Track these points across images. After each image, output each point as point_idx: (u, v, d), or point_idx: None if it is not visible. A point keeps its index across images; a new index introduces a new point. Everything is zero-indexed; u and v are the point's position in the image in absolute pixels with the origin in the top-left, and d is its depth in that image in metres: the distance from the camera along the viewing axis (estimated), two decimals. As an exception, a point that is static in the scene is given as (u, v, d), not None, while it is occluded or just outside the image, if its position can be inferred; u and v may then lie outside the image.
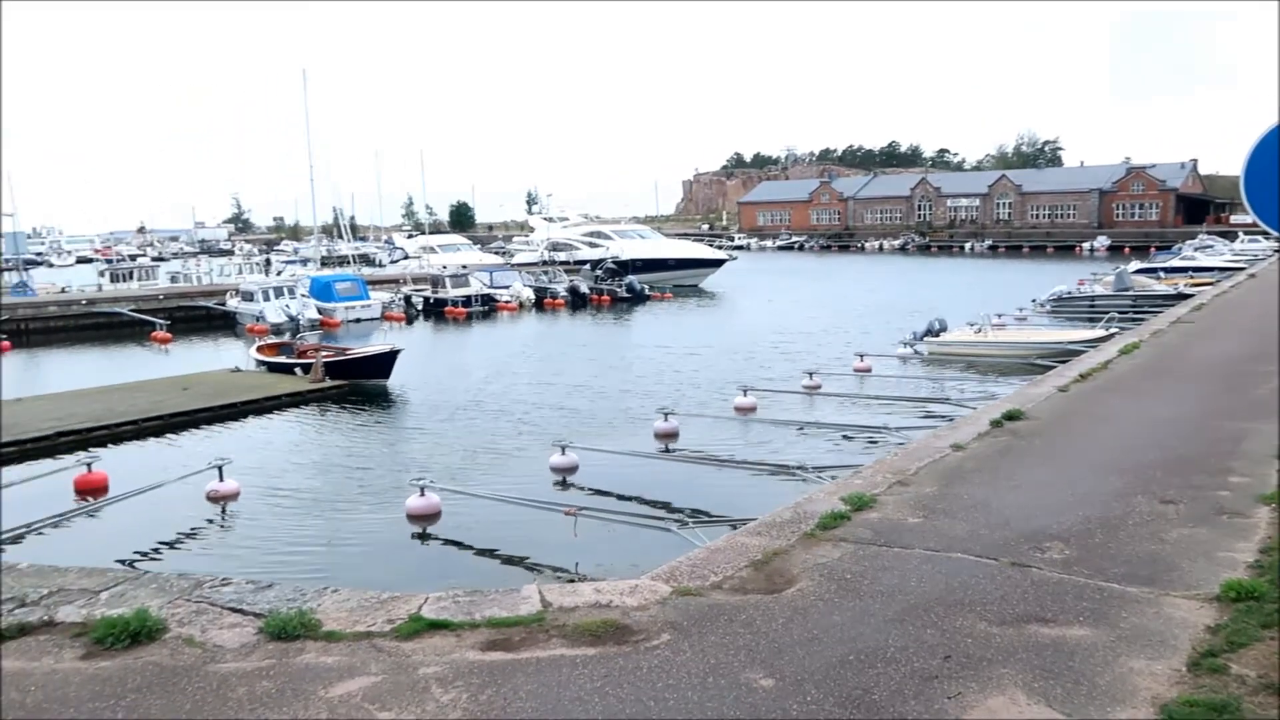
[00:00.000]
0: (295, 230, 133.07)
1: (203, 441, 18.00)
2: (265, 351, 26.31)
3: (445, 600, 6.06)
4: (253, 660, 5.24)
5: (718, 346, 29.90)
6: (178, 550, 11.91)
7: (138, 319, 39.63)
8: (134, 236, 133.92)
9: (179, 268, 61.16)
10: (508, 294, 45.33)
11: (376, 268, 62.18)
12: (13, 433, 17.32)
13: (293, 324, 36.77)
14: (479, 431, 18.42)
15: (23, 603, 6.12)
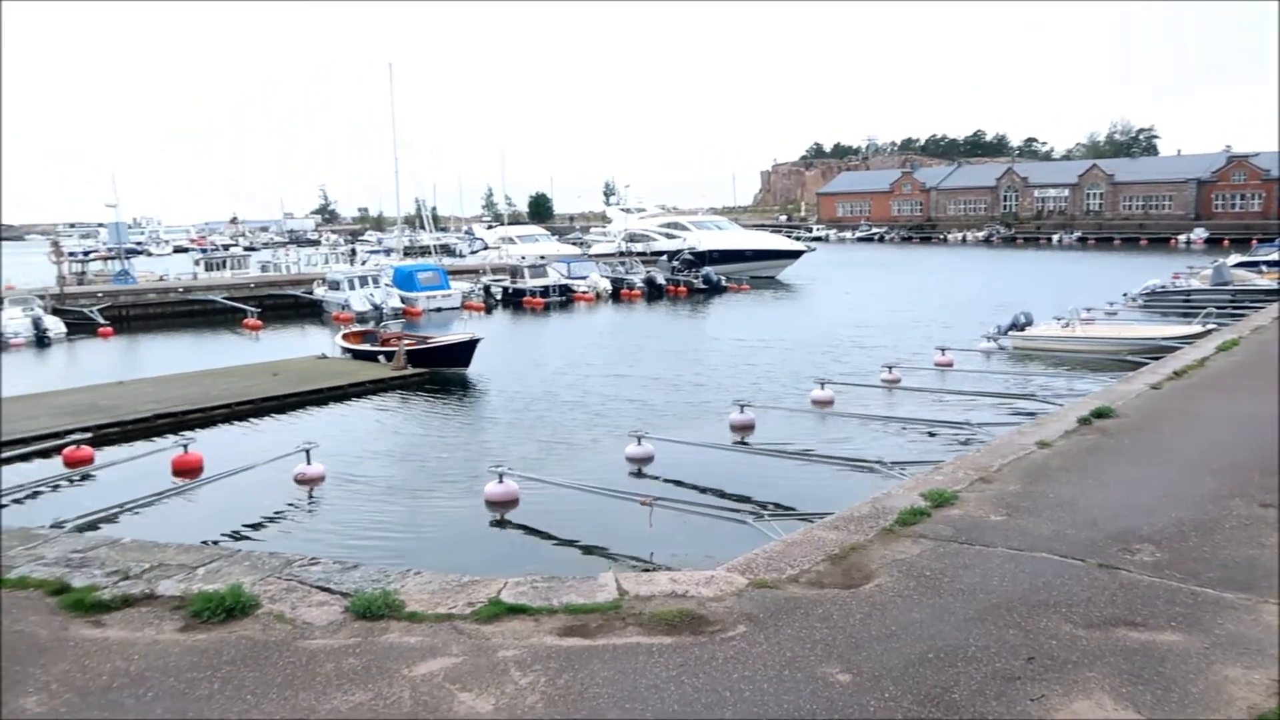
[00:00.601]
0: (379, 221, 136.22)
1: (290, 425, 18.58)
2: (350, 339, 26.99)
3: (524, 585, 6.16)
4: (340, 638, 5.41)
5: (794, 339, 29.64)
6: (267, 530, 12.33)
7: (230, 306, 41.04)
8: (227, 227, 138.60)
9: (269, 257, 63.06)
10: (585, 284, 45.61)
11: (457, 258, 63.26)
12: (114, 414, 18.13)
13: (377, 312, 37.63)
14: (555, 420, 18.61)
15: (126, 575, 6.42)
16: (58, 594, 6.10)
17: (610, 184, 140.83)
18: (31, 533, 7.88)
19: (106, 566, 6.63)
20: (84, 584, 6.23)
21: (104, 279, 48.20)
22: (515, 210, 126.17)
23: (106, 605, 5.91)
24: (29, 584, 6.30)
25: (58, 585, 6.22)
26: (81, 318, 37.72)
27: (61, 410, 18.49)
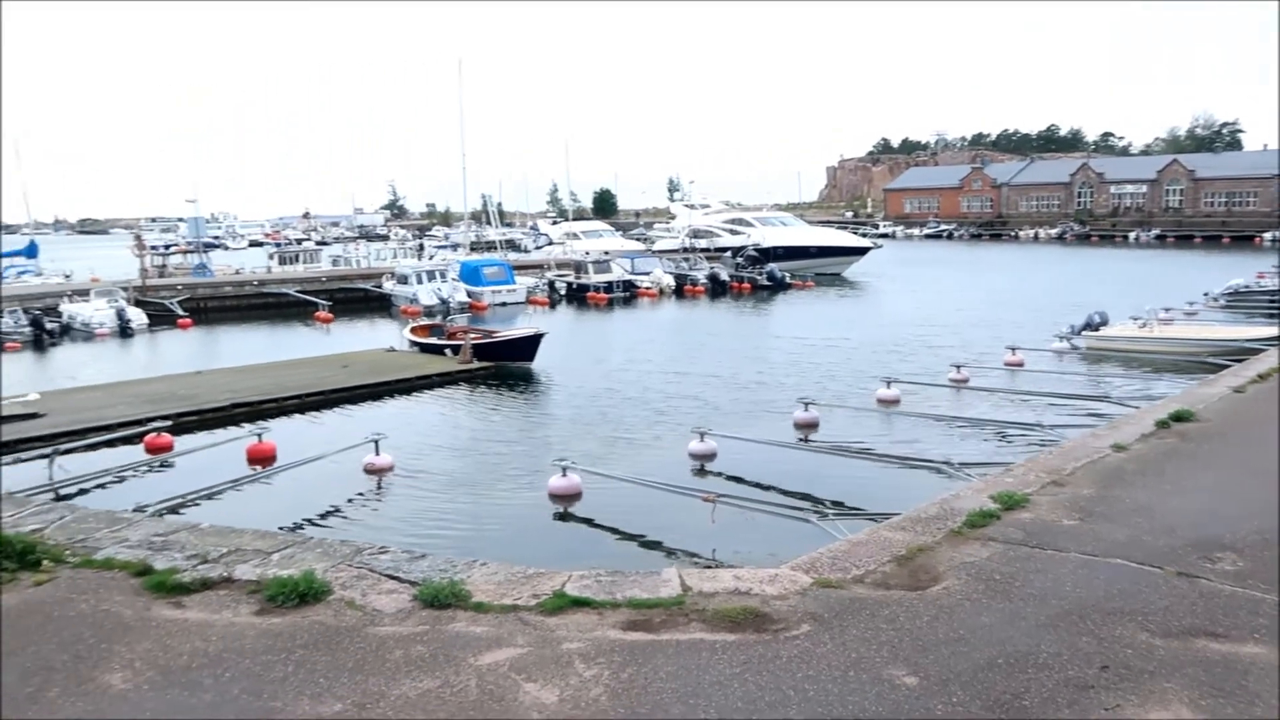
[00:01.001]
0: (446, 216, 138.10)
1: (360, 416, 18.97)
2: (418, 333, 27.43)
3: (588, 579, 6.21)
4: (408, 625, 5.52)
5: (859, 337, 29.31)
6: (337, 518, 12.61)
7: (302, 299, 42.03)
8: (299, 221, 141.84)
9: (340, 251, 64.33)
10: (648, 280, 45.67)
11: (522, 253, 63.77)
12: (193, 403, 18.72)
13: (443, 306, 38.17)
14: (618, 415, 18.69)
15: (205, 559, 6.63)
16: (141, 575, 6.32)
17: (674, 180, 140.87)
18: (116, 516, 8.17)
19: (186, 550, 6.85)
20: (165, 566, 6.44)
21: (183, 272, 49.71)
22: (579, 206, 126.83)
23: (186, 587, 6.11)
24: (114, 565, 6.54)
25: (141, 567, 6.45)
26: (162, 309, 38.99)
27: (143, 399, 19.15)
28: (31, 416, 17.26)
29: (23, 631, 5.47)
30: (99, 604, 5.89)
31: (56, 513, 8.21)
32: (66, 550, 6.89)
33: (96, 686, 4.80)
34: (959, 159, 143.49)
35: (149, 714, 4.49)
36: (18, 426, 16.56)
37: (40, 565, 6.48)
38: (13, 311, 34.59)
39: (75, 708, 4.57)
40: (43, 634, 5.44)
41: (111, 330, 35.03)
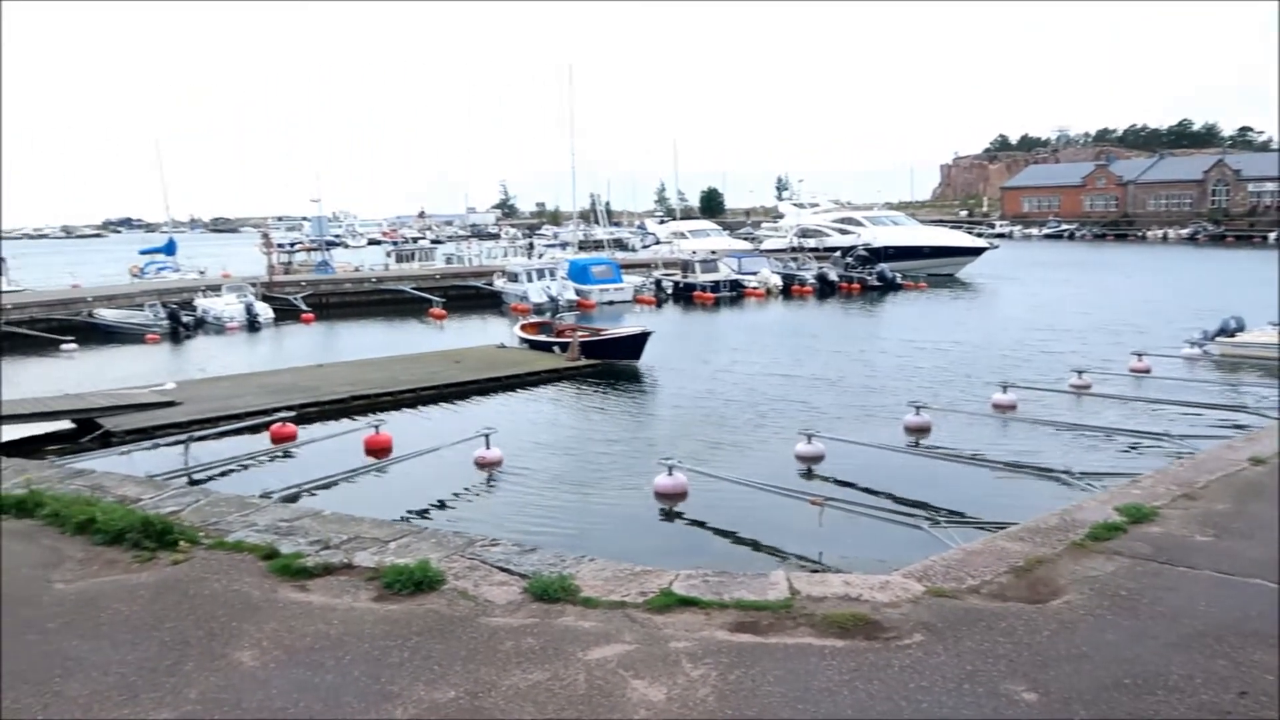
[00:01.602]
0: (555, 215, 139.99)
1: (471, 411, 19.43)
2: (527, 330, 27.92)
3: (695, 579, 6.20)
4: (519, 617, 5.62)
5: (973, 340, 28.44)
6: (449, 509, 12.95)
7: (417, 296, 43.30)
8: (415, 221, 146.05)
9: (453, 250, 65.97)
10: (755, 280, 45.35)
11: (629, 252, 64.19)
12: (314, 394, 19.51)
13: (552, 304, 38.74)
14: (724, 416, 18.62)
15: (327, 545, 6.90)
16: (268, 558, 6.62)
17: (783, 179, 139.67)
18: (245, 500, 8.59)
19: (309, 536, 7.15)
20: (290, 551, 6.73)
21: (307, 269, 51.81)
22: (687, 205, 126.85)
23: (310, 571, 6.37)
24: (244, 547, 6.87)
25: (268, 550, 6.76)
26: (287, 304, 40.77)
27: (268, 390, 20.06)
28: (169, 405, 18.28)
29: (162, 607, 5.80)
30: (230, 584, 6.20)
31: (191, 496, 8.68)
32: (201, 532, 7.28)
33: (228, 663, 5.05)
34: (1082, 156, 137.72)
35: (276, 691, 4.70)
36: (156, 413, 17.57)
37: (177, 545, 6.86)
38: (152, 305, 36.73)
39: (209, 682, 4.82)
40: (179, 610, 5.76)
41: (241, 324, 36.81)
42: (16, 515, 7.82)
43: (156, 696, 4.67)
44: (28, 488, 8.31)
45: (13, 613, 5.78)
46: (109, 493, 8.59)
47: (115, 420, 17.11)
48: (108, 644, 5.30)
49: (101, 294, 40.60)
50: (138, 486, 9.06)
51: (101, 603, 5.91)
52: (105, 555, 6.81)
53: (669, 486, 12.78)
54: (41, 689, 4.78)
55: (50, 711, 4.55)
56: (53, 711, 4.54)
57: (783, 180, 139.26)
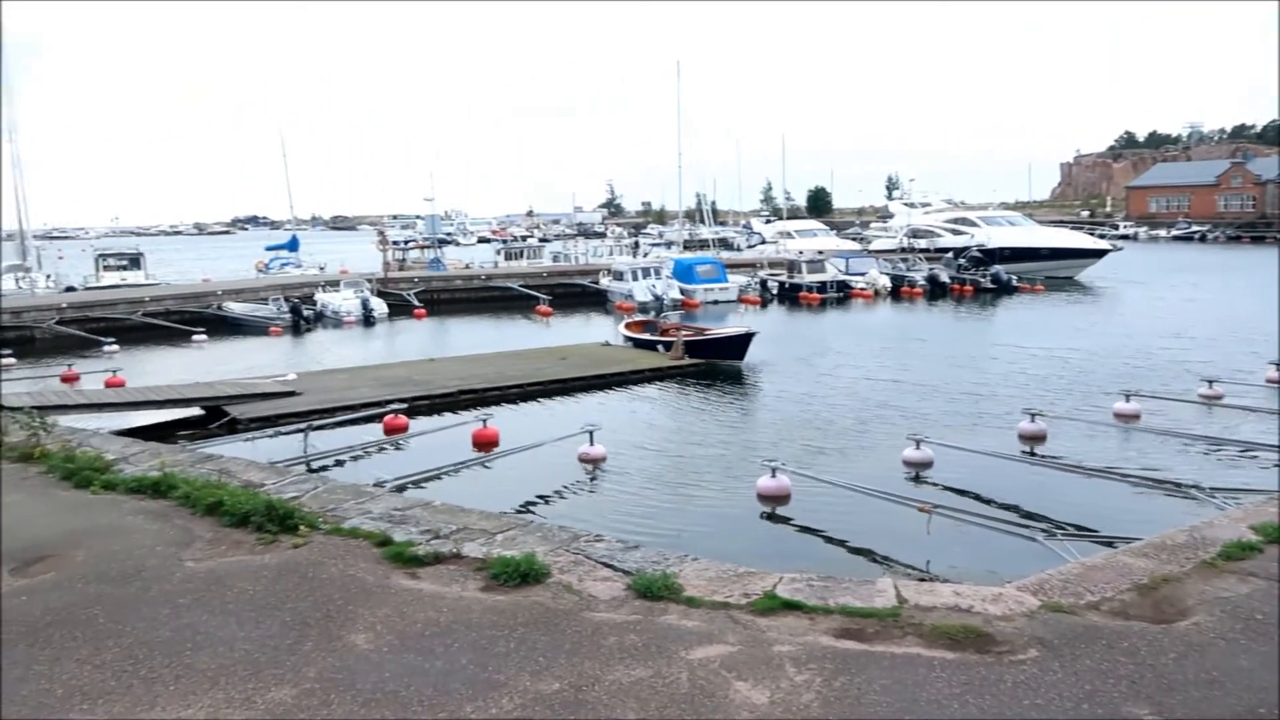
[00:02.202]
0: (661, 214, 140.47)
1: (575, 407, 19.67)
2: (632, 328, 28.09)
3: (799, 582, 6.13)
4: (622, 613, 5.66)
5: (1094, 346, 27.26)
6: (553, 504, 13.14)
7: (525, 293, 44.09)
8: (524, 219, 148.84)
9: (560, 248, 66.97)
10: (863, 281, 44.55)
11: (734, 252, 63.88)
12: (425, 388, 20.08)
13: (657, 303, 38.89)
14: (828, 419, 18.35)
15: (437, 535, 7.09)
16: (381, 545, 6.84)
17: (893, 178, 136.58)
18: (361, 489, 8.89)
19: (420, 525, 7.35)
20: (403, 539, 6.94)
21: (420, 266, 53.38)
22: (793, 204, 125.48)
23: (421, 560, 6.55)
24: (359, 534, 7.12)
25: (382, 538, 6.98)
26: (400, 300, 42.07)
27: (382, 382, 20.74)
28: (290, 395, 19.09)
29: (283, 588, 6.06)
30: (346, 569, 6.43)
31: (310, 483, 9.04)
32: (319, 518, 7.57)
33: (344, 645, 5.24)
34: (1216, 153, 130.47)
35: (389, 674, 4.86)
36: (278, 403, 18.37)
37: (298, 530, 7.15)
38: (276, 300, 38.45)
39: (326, 662, 5.01)
40: (299, 592, 6.00)
41: (357, 318, 38.16)
42: (152, 495, 8.29)
43: (278, 673, 4.88)
44: (162, 470, 8.79)
45: (149, 587, 6.13)
46: (235, 477, 9.01)
47: (240, 408, 17.97)
48: (234, 621, 5.56)
49: (230, 288, 42.72)
50: (261, 472, 9.48)
51: (228, 581, 6.20)
52: (232, 536, 7.15)
53: (772, 488, 12.67)
54: (174, 660, 5.05)
55: (181, 684, 4.80)
56: (184, 684, 4.80)
57: (893, 179, 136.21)
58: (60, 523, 7.57)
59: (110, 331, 33.74)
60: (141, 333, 35.02)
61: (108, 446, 10.58)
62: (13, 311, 34.95)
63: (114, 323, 35.39)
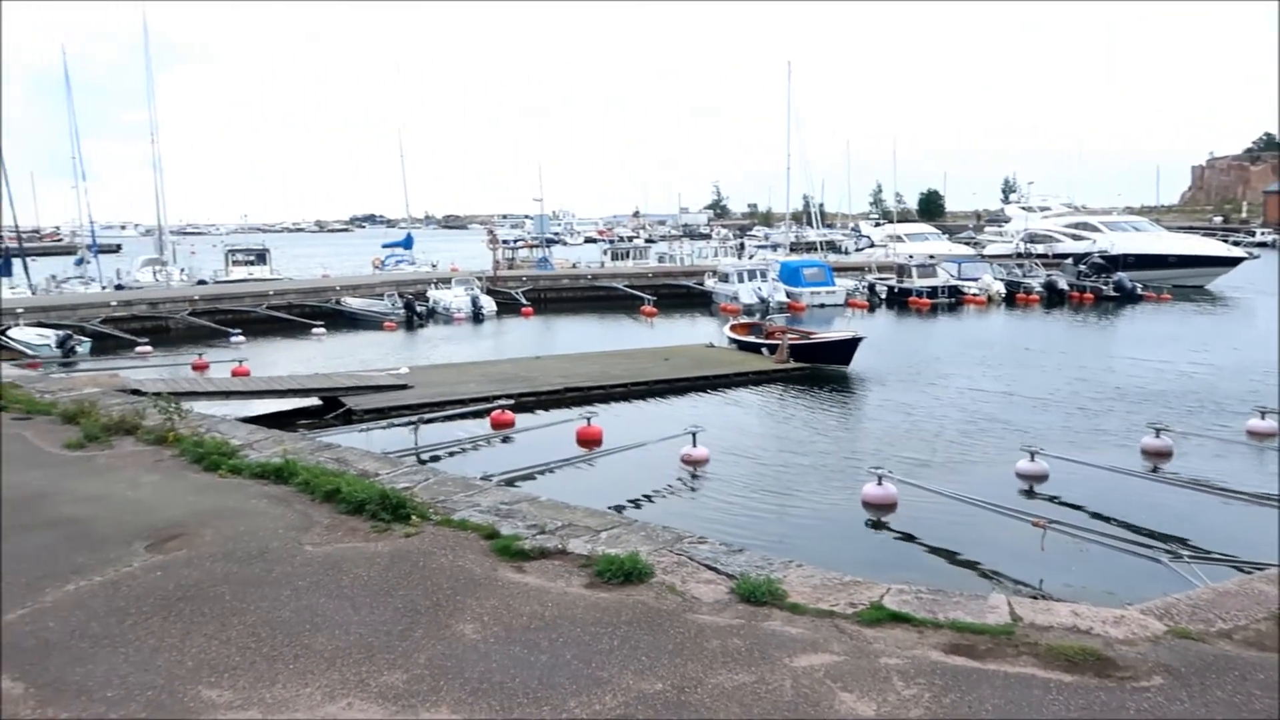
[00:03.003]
0: (767, 216, 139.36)
1: (678, 408, 19.69)
2: (737, 330, 27.96)
3: (907, 594, 5.99)
4: (725, 617, 5.63)
5: (1225, 360, 25.82)
6: (655, 504, 13.18)
7: (630, 294, 44.41)
8: (630, 220, 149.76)
9: (665, 249, 67.18)
10: (976, 287, 43.29)
11: (842, 255, 63.02)
12: (531, 384, 20.42)
13: (763, 306, 38.61)
14: (937, 427, 17.88)
15: (542, 530, 7.19)
16: (489, 538, 6.98)
17: (1010, 180, 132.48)
18: (469, 482, 9.10)
19: (527, 519, 7.47)
20: (510, 533, 7.07)
21: (528, 265, 54.34)
22: (904, 207, 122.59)
23: (526, 554, 6.66)
24: (468, 526, 7.28)
25: (489, 531, 7.12)
26: (508, 298, 42.95)
27: (490, 378, 21.18)
28: (402, 388, 19.68)
29: (395, 576, 6.25)
30: (455, 559, 6.58)
31: (421, 475, 9.29)
32: (430, 509, 7.77)
33: (452, 633, 5.37)
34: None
35: (495, 665, 4.95)
36: (391, 395, 18.96)
37: (410, 519, 7.36)
38: (390, 295, 39.74)
39: (435, 649, 5.15)
40: (411, 580, 6.18)
41: (466, 315, 39.12)
42: (274, 481, 8.66)
43: (390, 658, 5.04)
44: (284, 457, 9.18)
45: (271, 568, 6.40)
46: (351, 466, 9.34)
47: (356, 400, 18.62)
48: (349, 605, 5.76)
49: (347, 284, 44.32)
50: (375, 462, 9.80)
51: (344, 566, 6.43)
52: (348, 523, 7.41)
53: (878, 496, 12.42)
54: (294, 640, 5.26)
55: (300, 663, 5.00)
56: (302, 663, 4.99)
57: (1009, 182, 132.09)
58: (191, 503, 7.99)
59: (237, 323, 35.50)
60: (265, 325, 36.66)
61: (234, 433, 11.10)
62: (150, 302, 37.05)
63: (241, 315, 37.18)
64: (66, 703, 4.57)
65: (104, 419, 11.02)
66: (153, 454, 9.89)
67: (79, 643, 5.24)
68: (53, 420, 11.64)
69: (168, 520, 7.49)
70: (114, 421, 10.95)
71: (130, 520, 7.49)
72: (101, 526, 7.35)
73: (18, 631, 5.40)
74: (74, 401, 12.31)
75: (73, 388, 14.60)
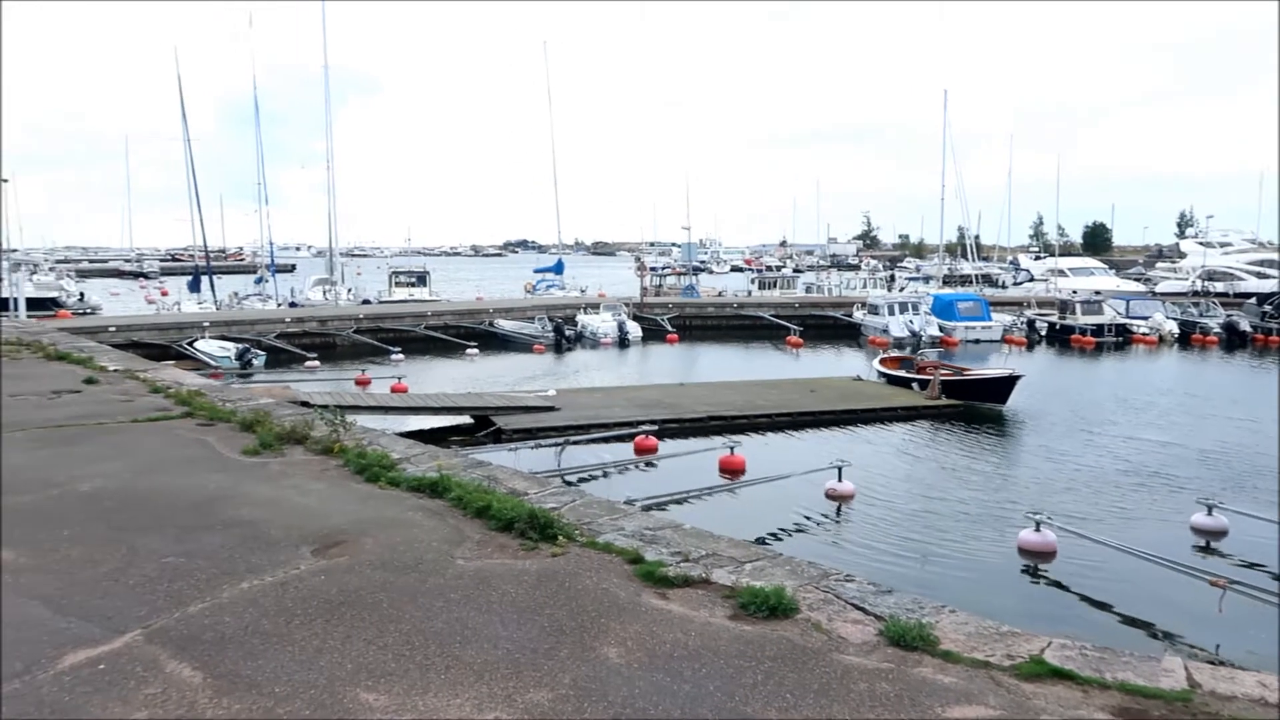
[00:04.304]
0: (919, 248, 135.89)
1: (824, 441, 19.35)
2: (887, 364, 27.28)
3: (1070, 649, 5.65)
4: (873, 659, 5.46)
5: None
6: (798, 537, 12.96)
7: (776, 323, 44.10)
8: (776, 249, 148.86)
9: (813, 279, 66.47)
10: (1146, 326, 40.83)
11: (999, 289, 60.65)
12: (675, 411, 20.51)
13: (914, 339, 37.59)
14: (1100, 473, 16.89)
15: (686, 558, 7.18)
16: (633, 563, 7.02)
17: (1186, 214, 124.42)
18: (614, 505, 9.18)
19: (671, 546, 7.48)
20: (654, 558, 7.09)
21: (674, 292, 54.82)
22: (1067, 240, 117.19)
23: (670, 581, 6.66)
24: (613, 549, 7.34)
25: (634, 555, 7.16)
26: (654, 324, 43.40)
27: (634, 403, 21.40)
28: (550, 409, 20.14)
29: (542, 595, 6.36)
30: (599, 582, 6.65)
31: (568, 496, 9.45)
32: (576, 530, 7.89)
33: (596, 656, 5.42)
34: None
35: (639, 690, 4.96)
36: (539, 416, 19.43)
37: (556, 540, 7.49)
38: (541, 319, 40.84)
39: (579, 670, 5.20)
40: (556, 600, 6.28)
41: (613, 340, 39.74)
42: (429, 495, 8.99)
43: (536, 676, 5.12)
44: (439, 472, 9.52)
45: (425, 579, 6.64)
46: (501, 484, 9.59)
47: (506, 419, 19.17)
48: (497, 620, 5.91)
49: (500, 307, 45.86)
50: (524, 481, 10.03)
51: (493, 582, 6.60)
52: (497, 540, 7.61)
53: (1036, 543, 11.82)
54: (445, 651, 5.43)
55: (451, 673, 5.15)
56: (453, 674, 5.14)
57: (1186, 215, 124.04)
58: (353, 512, 8.39)
59: (397, 341, 37.23)
60: (423, 344, 38.32)
61: (393, 446, 11.61)
62: (319, 320, 39.35)
63: (401, 334, 38.99)
64: (240, 695, 4.86)
65: (277, 428, 11.73)
66: (319, 463, 10.45)
67: (251, 638, 5.57)
68: (232, 427, 12.48)
69: (332, 527, 7.89)
70: (286, 431, 11.63)
71: (298, 525, 7.93)
72: (273, 530, 7.80)
73: (198, 624, 5.79)
74: (251, 411, 13.16)
75: (249, 398, 15.62)
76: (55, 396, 14.71)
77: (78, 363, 19.34)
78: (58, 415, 12.95)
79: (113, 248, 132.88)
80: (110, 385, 16.29)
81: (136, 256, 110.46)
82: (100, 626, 5.72)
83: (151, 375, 17.73)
